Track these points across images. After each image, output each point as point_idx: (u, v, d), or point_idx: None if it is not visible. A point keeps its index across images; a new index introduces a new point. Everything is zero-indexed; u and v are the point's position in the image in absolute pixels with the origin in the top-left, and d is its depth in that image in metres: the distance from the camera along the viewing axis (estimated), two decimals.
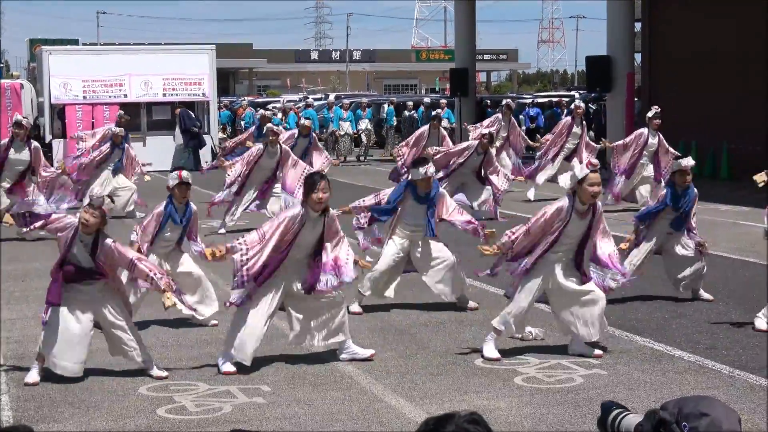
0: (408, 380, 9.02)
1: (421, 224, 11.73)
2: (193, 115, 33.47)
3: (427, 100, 40.94)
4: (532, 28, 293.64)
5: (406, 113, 39.13)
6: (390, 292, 12.01)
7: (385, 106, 40.55)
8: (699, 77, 28.38)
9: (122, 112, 25.11)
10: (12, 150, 17.40)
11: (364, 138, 37.33)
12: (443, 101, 38.62)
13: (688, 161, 12.07)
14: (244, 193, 18.21)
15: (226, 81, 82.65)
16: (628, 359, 9.55)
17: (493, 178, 19.09)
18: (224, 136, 36.91)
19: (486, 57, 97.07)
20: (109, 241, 9.13)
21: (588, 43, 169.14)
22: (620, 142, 20.12)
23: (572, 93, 47.85)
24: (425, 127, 22.21)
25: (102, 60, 34.58)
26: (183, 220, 11.14)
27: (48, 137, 32.44)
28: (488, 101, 43.33)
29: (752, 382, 8.76)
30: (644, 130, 19.51)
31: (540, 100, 43.77)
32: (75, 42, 65.38)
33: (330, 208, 9.56)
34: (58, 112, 33.01)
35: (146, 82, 33.75)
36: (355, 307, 11.67)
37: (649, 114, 19.38)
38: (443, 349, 10.04)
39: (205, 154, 32.89)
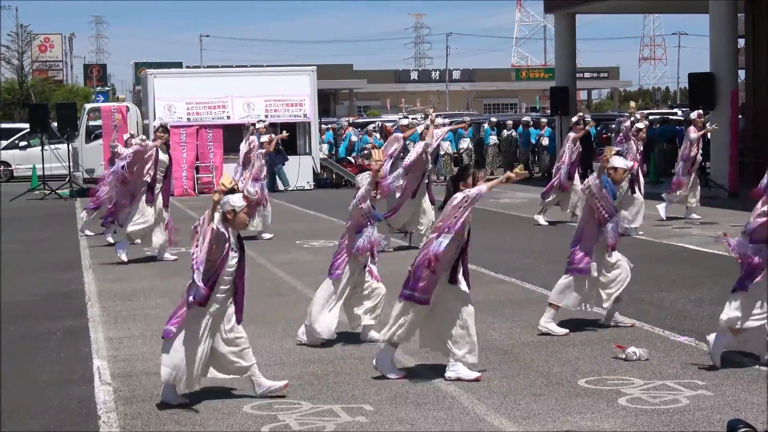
0: (511, 400, 8.98)
1: None
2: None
3: (526, 119, 40.69)
4: (633, 45, 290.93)
5: (506, 132, 38.98)
6: None
7: (485, 125, 40.27)
8: None
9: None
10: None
11: (465, 158, 36.82)
12: (544, 120, 38.41)
13: None
14: None
15: (326, 102, 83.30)
16: (735, 380, 9.40)
17: None
18: (324, 155, 37.02)
19: (586, 75, 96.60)
20: None
21: (690, 60, 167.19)
22: None
23: (675, 110, 47.19)
24: None
25: (205, 82, 35.17)
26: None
27: None
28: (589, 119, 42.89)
29: None
30: None
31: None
32: (179, 65, 66.60)
33: None
34: None
35: (248, 103, 34.17)
36: None
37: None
38: (546, 369, 9.99)
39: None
